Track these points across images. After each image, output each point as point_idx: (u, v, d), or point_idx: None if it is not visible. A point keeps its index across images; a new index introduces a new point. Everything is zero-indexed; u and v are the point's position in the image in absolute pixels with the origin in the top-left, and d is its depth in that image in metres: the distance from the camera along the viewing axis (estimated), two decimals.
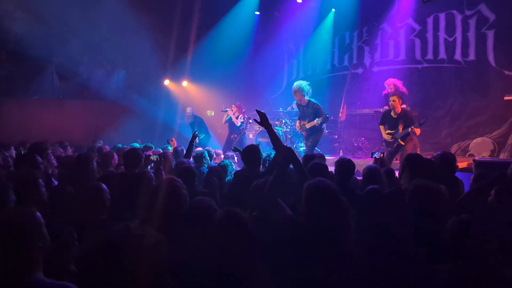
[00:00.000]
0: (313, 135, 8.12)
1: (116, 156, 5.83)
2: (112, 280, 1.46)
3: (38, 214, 1.96)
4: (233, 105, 10.30)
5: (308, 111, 8.15)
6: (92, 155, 4.72)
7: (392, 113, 7.74)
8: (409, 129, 7.35)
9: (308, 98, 8.14)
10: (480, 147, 9.91)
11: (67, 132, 10.78)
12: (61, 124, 11.43)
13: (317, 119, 7.92)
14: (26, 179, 3.05)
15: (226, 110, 10.33)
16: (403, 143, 7.51)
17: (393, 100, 7.65)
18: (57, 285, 1.86)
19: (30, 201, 2.88)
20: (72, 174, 4.22)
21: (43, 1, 9.98)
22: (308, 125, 8.11)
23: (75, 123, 11.66)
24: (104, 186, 3.10)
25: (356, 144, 10.42)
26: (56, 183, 4.40)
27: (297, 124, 8.48)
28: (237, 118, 10.06)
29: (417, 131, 7.39)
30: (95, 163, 4.49)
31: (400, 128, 7.55)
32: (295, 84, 8.15)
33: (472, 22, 10.26)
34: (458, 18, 10.41)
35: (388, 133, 7.77)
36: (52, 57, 11.95)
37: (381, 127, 8.00)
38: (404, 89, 9.23)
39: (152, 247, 1.54)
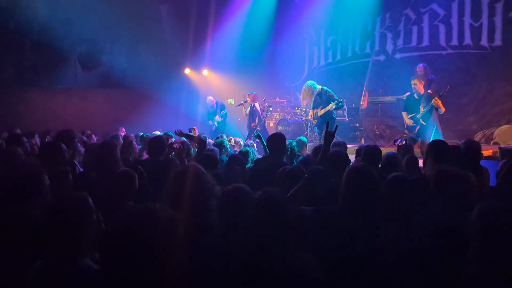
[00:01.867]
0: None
1: (135, 144, 5.93)
2: (129, 254, 1.48)
3: (90, 199, 1.99)
4: (248, 96, 10.32)
5: (321, 99, 8.24)
6: (115, 143, 4.79)
7: (415, 96, 7.60)
8: (432, 100, 7.17)
9: (320, 86, 8.18)
10: (506, 135, 9.67)
11: (90, 121, 10.97)
12: (84, 113, 11.63)
13: (331, 103, 7.94)
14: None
15: (241, 104, 10.40)
16: (424, 123, 7.32)
17: (414, 84, 7.51)
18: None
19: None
20: (97, 161, 4.30)
21: None
22: (320, 112, 8.14)
23: (98, 112, 11.84)
24: (134, 173, 3.15)
25: (378, 132, 10.32)
26: (81, 170, 4.48)
27: (310, 113, 8.53)
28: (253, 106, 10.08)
29: (441, 106, 7.20)
30: (119, 151, 4.56)
31: (421, 109, 7.40)
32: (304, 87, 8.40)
33: (499, 6, 9.96)
34: (485, 2, 10.11)
35: (410, 117, 7.61)
36: (75, 46, 12.12)
37: (404, 113, 7.83)
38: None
39: (166, 222, 1.57)
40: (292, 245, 2.03)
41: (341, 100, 8.11)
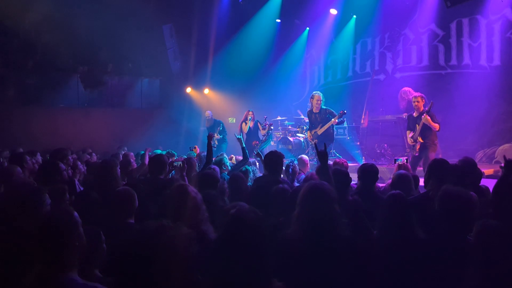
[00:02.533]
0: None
1: (133, 162, 5.98)
2: (145, 272, 1.50)
3: (76, 213, 2.02)
4: (249, 112, 10.37)
5: (320, 117, 8.53)
6: (115, 161, 4.80)
7: (414, 114, 7.58)
8: (422, 118, 7.13)
9: (321, 106, 8.56)
10: (507, 154, 9.63)
11: (93, 140, 11.01)
12: (86, 132, 11.68)
13: (333, 118, 8.13)
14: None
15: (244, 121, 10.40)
16: (421, 140, 7.28)
17: (417, 101, 7.44)
18: (89, 286, 1.91)
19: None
20: (97, 179, 4.30)
21: (69, 13, 10.24)
22: (320, 131, 8.31)
23: (100, 130, 11.90)
24: (133, 191, 3.16)
25: (378, 151, 10.31)
26: (81, 188, 4.49)
27: (308, 134, 8.66)
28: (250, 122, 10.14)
29: (432, 123, 7.12)
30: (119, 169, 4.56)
31: (417, 127, 7.39)
32: (316, 91, 8.64)
33: (497, 27, 10.08)
34: (483, 23, 10.24)
35: (410, 137, 7.59)
36: (77, 66, 12.25)
37: (407, 132, 7.81)
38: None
39: (183, 241, 1.58)
40: (265, 270, 1.87)
41: (344, 111, 8.27)
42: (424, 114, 7.17)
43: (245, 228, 1.89)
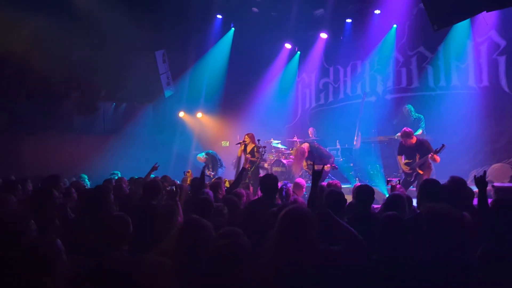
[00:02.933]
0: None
1: (125, 188, 5.97)
2: None
3: (59, 241, 2.01)
4: (245, 136, 10.02)
5: (313, 156, 8.65)
6: (109, 187, 4.78)
7: (407, 144, 7.69)
8: (429, 155, 7.24)
9: (308, 144, 8.96)
10: (499, 173, 9.72)
11: (85, 166, 10.92)
12: (79, 158, 11.59)
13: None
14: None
15: (239, 143, 9.71)
16: (421, 172, 7.43)
17: (404, 139, 7.65)
18: None
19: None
20: (90, 205, 4.26)
21: (61, 39, 10.30)
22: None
23: (93, 156, 11.81)
24: (127, 217, 3.13)
25: (372, 172, 10.34)
26: (72, 216, 4.44)
27: (303, 163, 8.87)
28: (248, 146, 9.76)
29: (437, 158, 7.28)
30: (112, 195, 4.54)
31: (417, 158, 7.50)
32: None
33: (483, 49, 10.30)
34: (470, 45, 10.46)
35: (406, 163, 7.71)
36: (71, 92, 12.26)
37: (399, 158, 7.92)
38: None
39: (154, 270, 1.58)
40: None
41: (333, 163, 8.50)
42: (433, 154, 7.24)
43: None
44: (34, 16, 9.42)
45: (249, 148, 9.14)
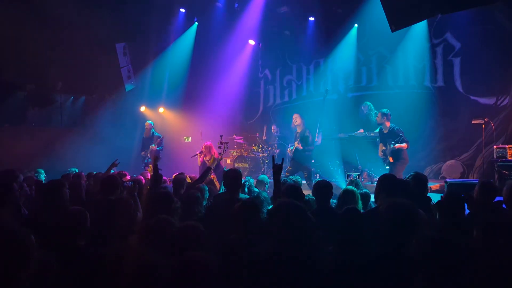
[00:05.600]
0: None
1: (83, 183, 5.80)
2: None
3: (32, 237, 1.93)
4: (203, 146, 9.25)
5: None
6: (63, 182, 4.62)
7: (384, 130, 8.11)
8: (394, 146, 7.70)
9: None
10: (452, 170, 10.18)
11: (42, 160, 10.51)
12: (33, 152, 11.14)
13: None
14: None
15: (196, 155, 9.30)
16: (391, 160, 7.73)
17: (382, 120, 8.12)
18: None
19: None
20: (45, 200, 4.12)
21: (15, 29, 9.84)
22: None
23: (50, 150, 11.38)
24: (85, 211, 3.05)
25: (332, 168, 10.54)
26: (26, 212, 4.28)
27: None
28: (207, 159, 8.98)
29: (403, 146, 7.70)
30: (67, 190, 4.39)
31: (388, 146, 7.87)
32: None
33: (439, 50, 10.71)
34: (426, 46, 10.84)
35: (382, 150, 8.07)
36: (25, 84, 11.78)
37: (380, 145, 8.36)
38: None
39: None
40: None
41: None
42: (394, 144, 7.75)
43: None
44: None
45: (208, 158, 8.86)
